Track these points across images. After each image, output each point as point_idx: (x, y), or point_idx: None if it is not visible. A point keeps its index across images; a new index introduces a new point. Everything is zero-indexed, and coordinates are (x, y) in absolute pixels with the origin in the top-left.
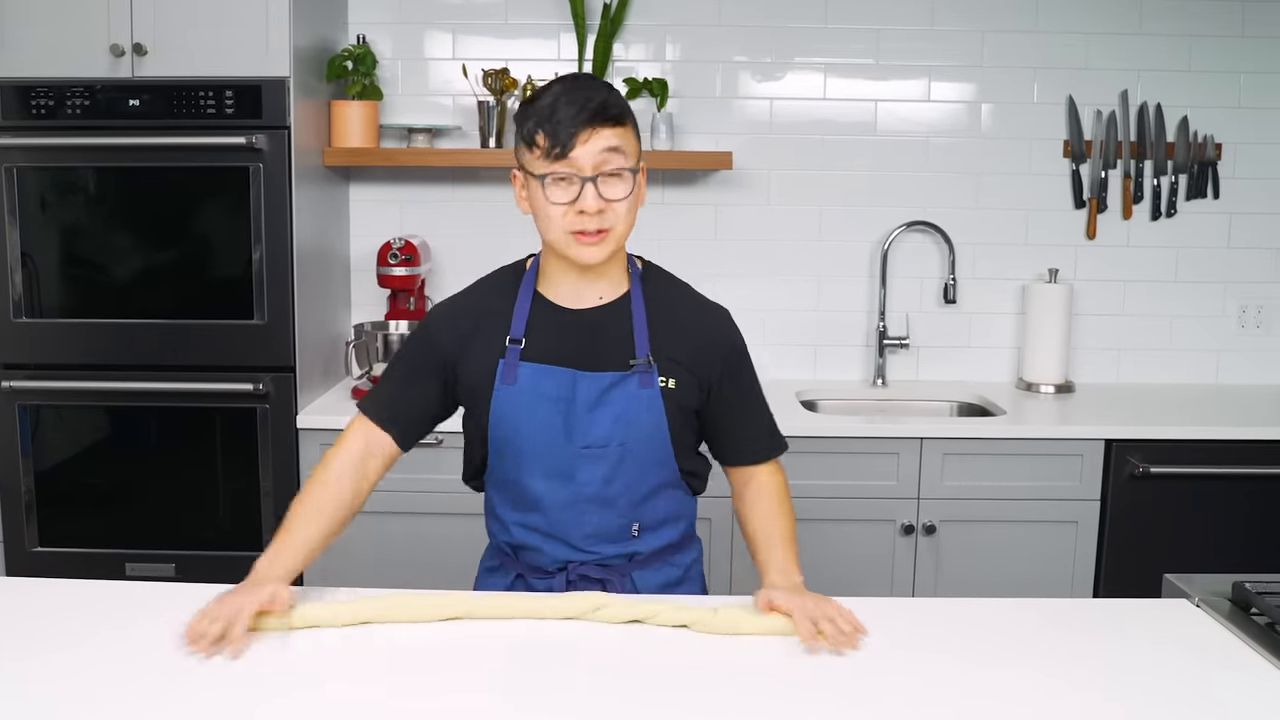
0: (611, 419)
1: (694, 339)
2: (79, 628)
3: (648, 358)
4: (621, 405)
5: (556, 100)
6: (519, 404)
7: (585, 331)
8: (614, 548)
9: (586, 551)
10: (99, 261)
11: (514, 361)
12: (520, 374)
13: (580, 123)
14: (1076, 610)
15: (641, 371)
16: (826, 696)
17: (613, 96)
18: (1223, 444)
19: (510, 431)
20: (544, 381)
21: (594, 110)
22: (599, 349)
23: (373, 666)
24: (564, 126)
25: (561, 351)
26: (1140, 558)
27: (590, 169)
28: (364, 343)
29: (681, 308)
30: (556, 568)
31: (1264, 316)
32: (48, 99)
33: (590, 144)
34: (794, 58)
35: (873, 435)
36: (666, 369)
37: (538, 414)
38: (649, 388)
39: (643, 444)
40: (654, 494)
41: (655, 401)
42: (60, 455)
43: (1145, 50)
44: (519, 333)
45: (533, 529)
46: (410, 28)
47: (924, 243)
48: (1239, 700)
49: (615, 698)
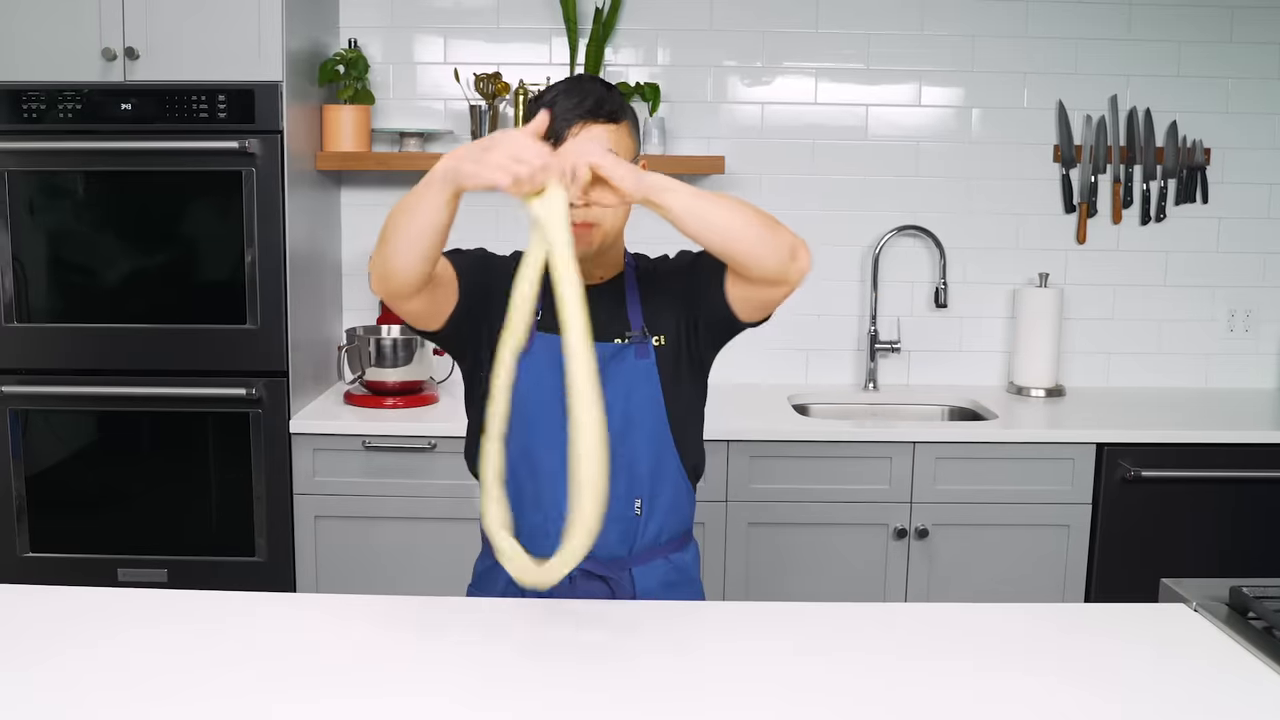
0: (612, 387)
1: (671, 282)
2: (70, 636)
3: (642, 329)
4: (621, 375)
5: (555, 96)
6: (534, 371)
7: (591, 308)
8: (616, 529)
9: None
10: (90, 266)
11: (531, 331)
12: (535, 343)
13: (574, 117)
14: (1073, 615)
15: (637, 343)
16: (818, 700)
17: (609, 95)
18: (1213, 447)
19: (522, 398)
20: (556, 351)
21: (589, 107)
22: (598, 322)
23: (376, 675)
24: (558, 119)
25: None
26: (1131, 561)
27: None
28: (356, 347)
29: (661, 267)
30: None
31: (1253, 320)
32: (39, 103)
33: (582, 139)
34: (784, 62)
35: (865, 439)
36: (657, 329)
37: (549, 381)
38: (645, 358)
39: (642, 411)
40: (655, 471)
41: (651, 371)
42: (51, 460)
43: (1134, 55)
44: (538, 308)
45: (534, 506)
46: (402, 32)
47: (915, 247)
48: (1239, 706)
49: (608, 697)
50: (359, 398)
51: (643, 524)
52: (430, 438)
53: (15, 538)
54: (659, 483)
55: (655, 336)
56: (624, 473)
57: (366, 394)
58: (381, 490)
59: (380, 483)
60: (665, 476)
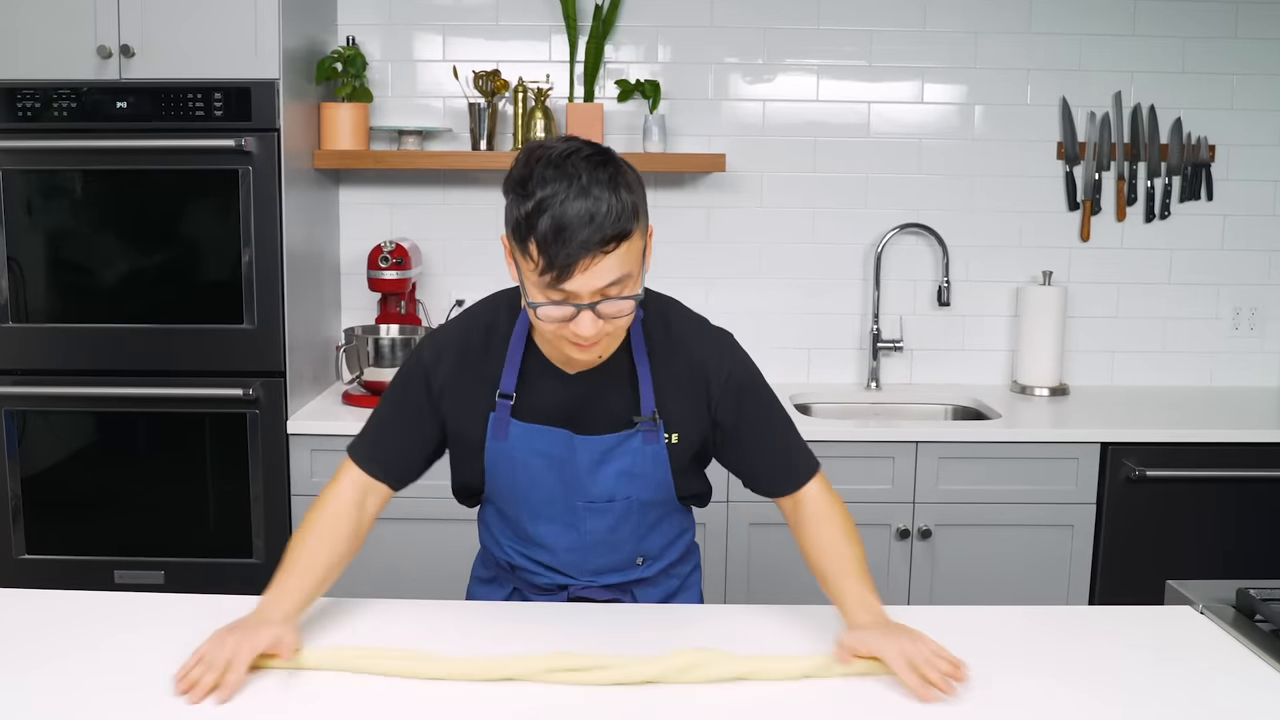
0: (615, 476)
1: (696, 382)
2: (67, 640)
3: (653, 414)
4: (626, 462)
5: (563, 215)
6: (514, 460)
7: (581, 391)
8: (618, 576)
9: (589, 567)
10: (86, 265)
11: (504, 417)
12: (511, 431)
13: (584, 253)
14: (1079, 618)
15: (646, 429)
16: (819, 701)
17: (622, 206)
18: (1218, 447)
19: (507, 483)
20: (537, 441)
21: (601, 238)
22: (598, 409)
23: (377, 696)
24: (564, 254)
25: (555, 412)
26: (1136, 561)
27: (587, 297)
28: (354, 347)
29: (681, 349)
30: (556, 586)
31: (1258, 318)
32: (34, 101)
33: (590, 272)
34: (786, 59)
35: (867, 439)
36: (670, 422)
37: (532, 469)
38: (654, 444)
39: (648, 493)
40: (657, 526)
41: (661, 457)
42: (48, 461)
43: (1139, 52)
44: (509, 387)
45: (534, 560)
46: (400, 29)
47: (917, 245)
48: (1243, 709)
49: (608, 698)
50: (357, 398)
51: (644, 570)
52: None
53: (11, 539)
54: (661, 534)
55: (669, 434)
56: (628, 544)
57: (365, 394)
58: None
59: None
60: (667, 524)
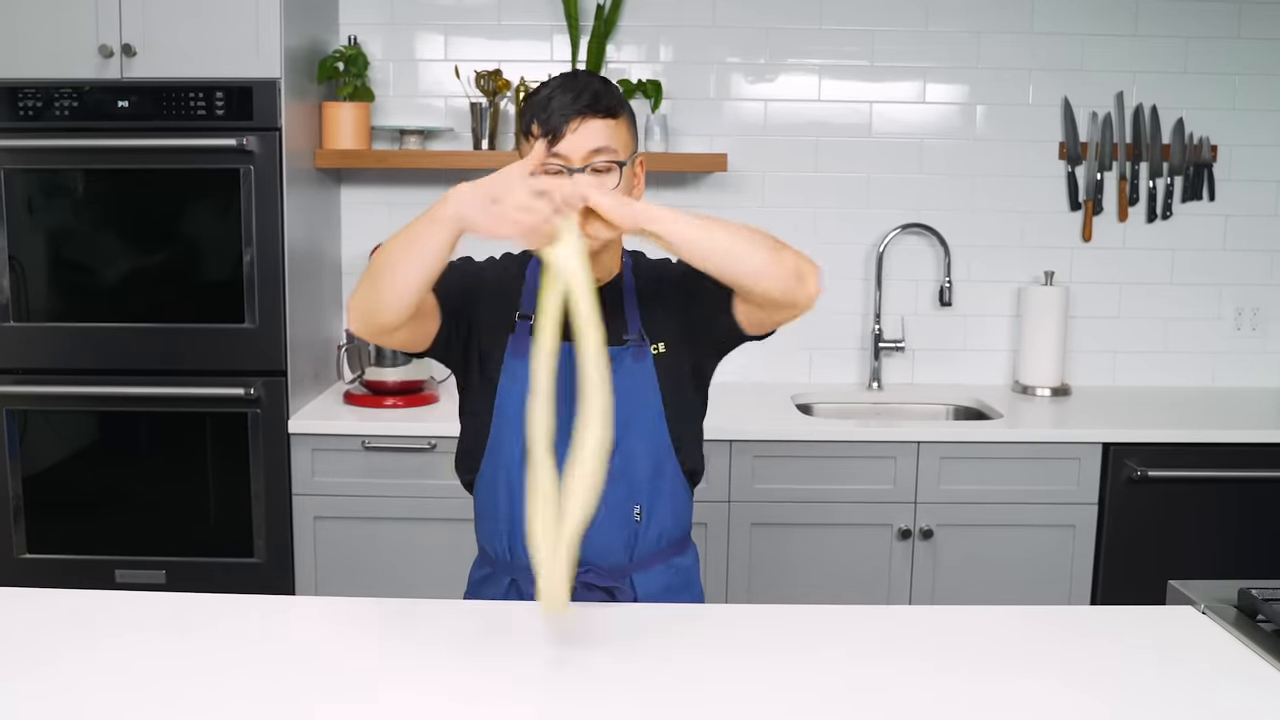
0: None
1: (674, 295)
2: (67, 639)
3: (640, 332)
4: (618, 378)
5: (552, 92)
6: (527, 379)
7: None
8: (617, 535)
9: (588, 541)
10: (88, 264)
11: (524, 336)
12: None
13: (571, 112)
14: (1081, 618)
15: (635, 345)
16: (819, 702)
17: (606, 89)
18: (1220, 447)
19: (519, 404)
20: (560, 359)
21: (586, 102)
22: None
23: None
24: (555, 114)
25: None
26: (1138, 562)
27: (578, 160)
28: (356, 346)
29: (664, 275)
30: None
31: (1260, 319)
32: (35, 100)
33: (580, 134)
34: (788, 59)
35: (869, 439)
36: (655, 334)
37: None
38: (642, 360)
39: (640, 415)
40: (654, 476)
41: (649, 374)
42: (49, 461)
43: (1141, 52)
44: (529, 308)
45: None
46: (402, 29)
47: (919, 245)
48: (1245, 710)
49: (607, 699)
50: (358, 397)
51: (643, 529)
52: (430, 438)
53: (13, 539)
54: (658, 488)
55: (654, 344)
56: (622, 478)
57: (366, 394)
58: (381, 491)
59: (380, 483)
60: (664, 482)
